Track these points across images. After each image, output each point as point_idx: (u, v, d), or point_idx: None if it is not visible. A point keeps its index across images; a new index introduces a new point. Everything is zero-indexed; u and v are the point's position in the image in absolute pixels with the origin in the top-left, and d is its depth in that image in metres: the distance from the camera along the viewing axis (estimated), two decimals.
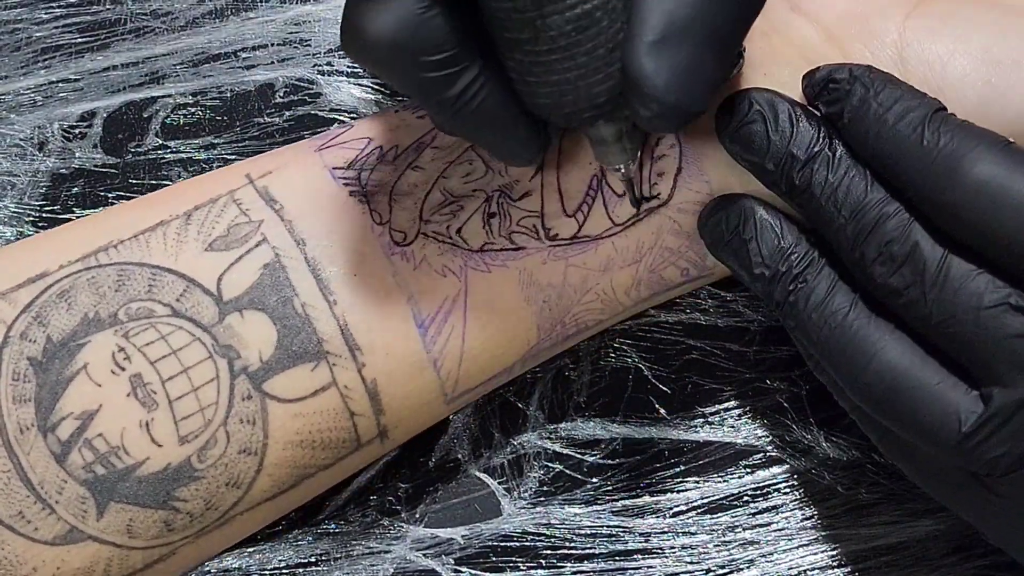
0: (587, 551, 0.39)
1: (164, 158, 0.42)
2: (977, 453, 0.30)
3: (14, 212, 0.41)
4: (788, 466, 0.41)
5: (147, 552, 0.33)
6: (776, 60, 0.35)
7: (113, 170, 0.42)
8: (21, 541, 0.31)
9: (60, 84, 0.43)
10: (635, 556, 0.39)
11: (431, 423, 0.37)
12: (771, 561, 0.40)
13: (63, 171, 0.42)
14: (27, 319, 0.32)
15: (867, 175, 0.32)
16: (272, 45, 0.44)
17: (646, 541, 0.40)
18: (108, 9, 0.44)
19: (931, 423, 0.30)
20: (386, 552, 0.39)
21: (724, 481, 0.40)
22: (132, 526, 0.32)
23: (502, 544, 0.39)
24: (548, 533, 0.40)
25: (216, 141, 0.43)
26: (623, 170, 0.33)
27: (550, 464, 0.40)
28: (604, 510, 0.40)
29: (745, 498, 0.40)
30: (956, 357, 0.31)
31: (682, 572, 0.39)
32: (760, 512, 0.40)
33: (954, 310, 0.30)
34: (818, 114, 0.33)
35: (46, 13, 0.44)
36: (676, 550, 0.40)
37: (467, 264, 0.35)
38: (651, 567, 0.39)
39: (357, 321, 0.33)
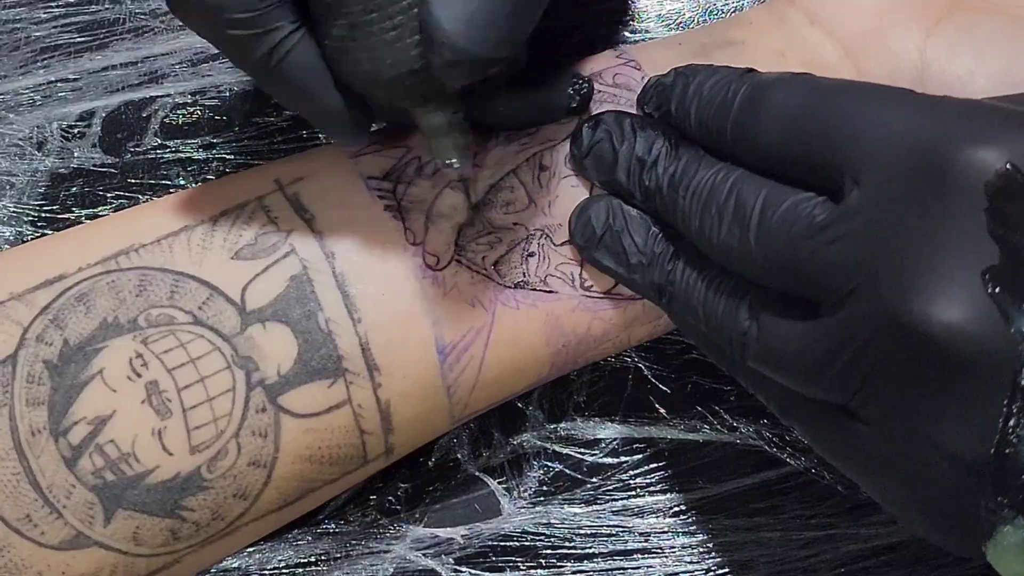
0: (587, 551, 0.39)
1: (163, 158, 0.42)
2: (821, 379, 0.28)
3: (13, 212, 0.41)
4: (788, 466, 0.41)
5: (152, 560, 0.33)
6: None
7: (112, 170, 0.42)
8: (27, 545, 0.31)
9: (59, 84, 0.43)
10: (635, 556, 0.39)
11: (433, 437, 0.37)
12: (771, 561, 0.40)
13: (62, 171, 0.42)
14: (44, 321, 0.32)
15: (700, 153, 0.32)
16: None
17: (646, 541, 0.40)
18: (107, 8, 0.44)
19: (787, 360, 0.29)
20: (386, 552, 0.39)
21: (724, 480, 0.40)
22: (138, 534, 0.32)
23: (502, 544, 0.39)
24: (548, 533, 0.40)
25: (215, 140, 0.42)
26: (457, 166, 0.33)
27: (550, 464, 0.40)
28: (604, 510, 0.40)
29: (745, 498, 0.40)
30: (788, 288, 0.29)
31: (682, 572, 0.39)
32: (760, 512, 0.40)
33: (773, 244, 0.29)
34: (659, 119, 0.34)
35: (45, 12, 0.44)
36: (676, 550, 0.40)
37: (498, 298, 0.34)
38: (651, 567, 0.39)
39: (379, 341, 0.33)
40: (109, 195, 0.42)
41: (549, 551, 0.39)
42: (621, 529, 0.40)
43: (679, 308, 0.33)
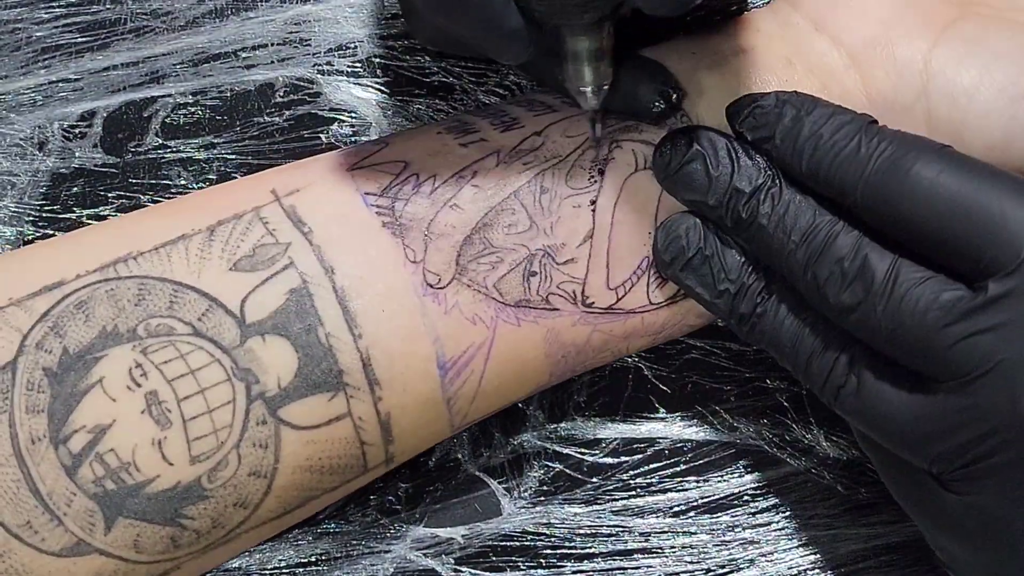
0: (587, 551, 0.39)
1: (164, 158, 0.42)
2: (925, 451, 0.30)
3: (14, 212, 0.41)
4: (788, 465, 0.41)
5: (152, 566, 0.33)
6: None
7: (113, 170, 0.42)
8: (28, 551, 0.31)
9: (60, 84, 0.43)
10: (635, 556, 0.39)
11: (433, 444, 0.37)
12: (771, 560, 0.40)
13: (63, 171, 0.42)
14: (43, 329, 0.32)
15: (810, 200, 0.32)
16: (272, 45, 0.44)
17: (646, 541, 0.40)
18: (108, 9, 0.44)
19: (890, 424, 0.31)
20: (386, 552, 0.39)
21: (724, 480, 0.40)
22: (139, 541, 0.32)
23: (502, 544, 0.39)
24: (548, 533, 0.40)
25: (216, 141, 0.43)
26: (588, 95, 0.33)
27: (550, 464, 0.40)
28: (604, 510, 0.40)
29: (745, 497, 0.40)
30: (913, 365, 0.31)
31: (682, 572, 0.39)
32: (760, 511, 0.40)
33: (902, 319, 0.30)
34: (752, 145, 0.34)
35: (46, 12, 0.44)
36: (676, 549, 0.40)
37: (499, 316, 0.34)
38: (651, 567, 0.39)
39: (380, 357, 0.33)
40: (110, 195, 0.42)
41: (549, 551, 0.39)
42: (621, 529, 0.40)
43: (763, 339, 0.34)
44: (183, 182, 0.42)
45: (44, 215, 0.41)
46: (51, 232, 0.41)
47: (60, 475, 0.31)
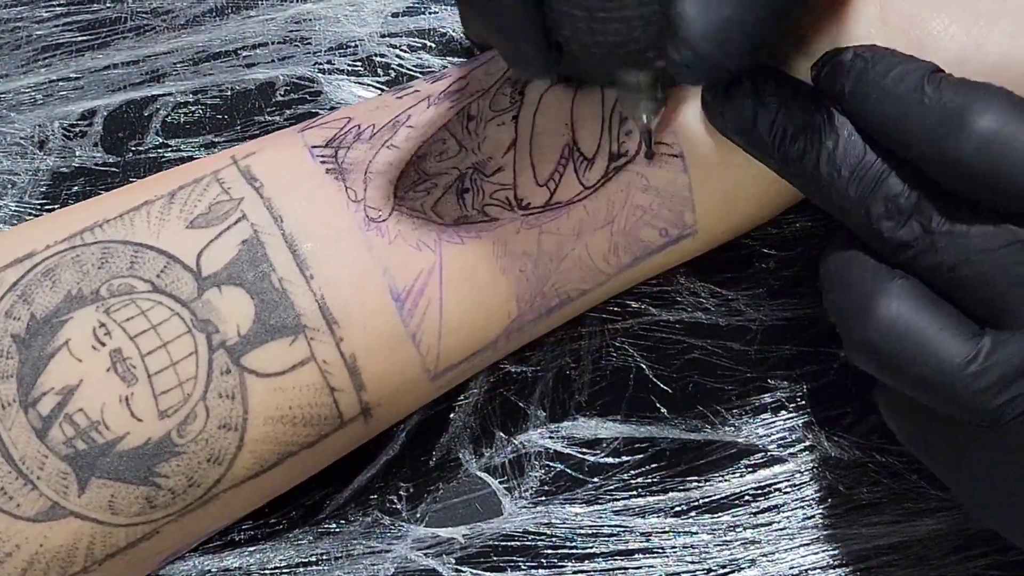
0: (588, 550, 0.39)
1: (164, 157, 0.42)
2: (983, 400, 0.29)
3: (15, 211, 0.41)
4: (789, 465, 0.41)
5: (130, 529, 0.33)
6: None
7: (114, 169, 0.42)
8: (3, 517, 0.31)
9: (60, 82, 0.43)
10: (636, 556, 0.39)
11: (418, 402, 0.37)
12: (772, 561, 0.40)
13: (63, 170, 0.42)
14: (12, 297, 0.33)
15: (863, 139, 0.32)
16: (272, 43, 0.43)
17: (647, 541, 0.40)
18: (108, 7, 0.44)
19: (933, 369, 0.30)
20: (387, 552, 0.39)
21: (725, 480, 0.40)
22: (114, 502, 0.32)
23: (503, 544, 0.39)
24: (549, 532, 0.40)
25: (216, 139, 0.42)
26: (645, 121, 0.34)
27: (551, 463, 0.40)
28: (605, 509, 0.40)
29: (746, 497, 0.40)
30: (968, 305, 0.30)
31: (683, 572, 0.39)
32: (761, 511, 0.40)
33: (966, 253, 0.29)
34: (809, 84, 0.33)
35: (46, 11, 0.44)
36: (677, 549, 0.40)
37: (441, 237, 0.35)
38: (652, 567, 0.39)
39: (334, 296, 0.34)
40: None
41: (550, 551, 0.39)
42: (622, 529, 0.40)
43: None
44: None
45: (44, 214, 0.41)
46: None
47: (31, 438, 0.31)
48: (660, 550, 0.40)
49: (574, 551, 0.39)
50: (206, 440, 0.33)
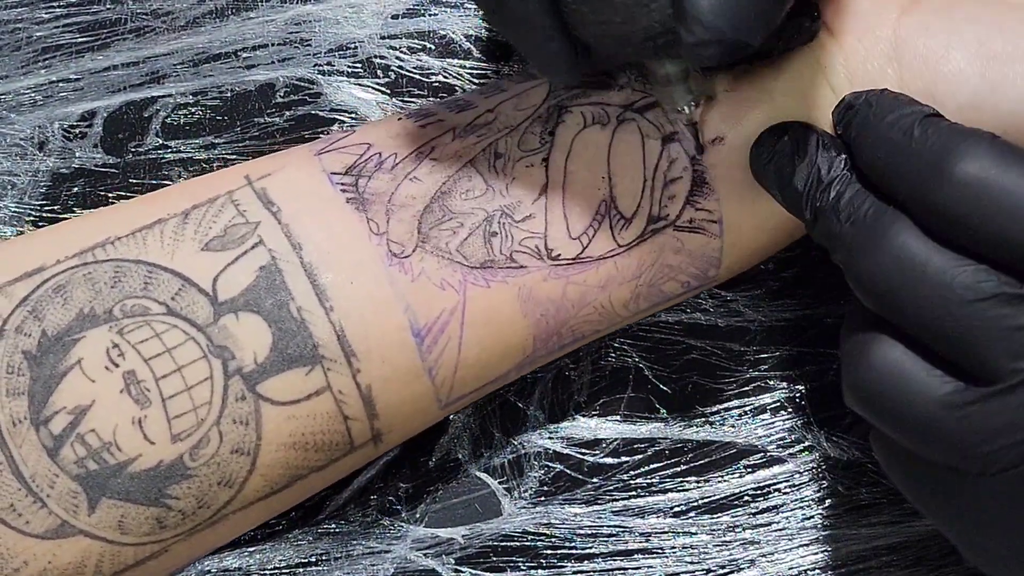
0: (588, 551, 0.39)
1: (164, 158, 0.42)
2: (971, 447, 0.29)
3: (15, 212, 0.41)
4: (788, 466, 0.41)
5: (139, 548, 0.33)
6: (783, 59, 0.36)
7: (113, 170, 0.42)
8: (12, 534, 0.31)
9: (60, 84, 0.43)
10: (635, 556, 0.39)
11: (426, 426, 0.37)
12: (771, 561, 0.40)
13: (63, 171, 0.42)
14: (23, 313, 0.32)
15: (864, 186, 0.32)
16: (272, 45, 0.44)
17: (646, 541, 0.40)
18: (108, 9, 0.44)
19: (923, 415, 0.30)
20: (386, 552, 0.39)
21: (724, 481, 0.40)
22: (124, 522, 0.32)
23: (502, 544, 0.39)
24: (548, 533, 0.40)
25: (216, 141, 0.43)
26: (686, 111, 0.34)
27: (550, 464, 0.40)
28: (604, 510, 0.40)
29: (745, 498, 0.40)
30: (952, 356, 0.30)
31: (683, 572, 0.39)
32: (760, 512, 0.40)
33: (947, 305, 0.29)
34: (838, 140, 0.34)
35: (47, 12, 0.44)
36: (677, 550, 0.40)
37: (466, 279, 0.35)
38: (651, 567, 0.39)
39: (353, 328, 0.33)
40: (111, 195, 0.42)
41: (550, 551, 0.39)
42: (622, 529, 0.40)
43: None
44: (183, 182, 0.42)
45: (44, 215, 0.41)
46: None
47: (42, 456, 0.31)
48: (659, 550, 0.40)
49: (574, 551, 0.39)
50: (218, 464, 0.32)
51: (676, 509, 0.40)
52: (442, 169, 0.35)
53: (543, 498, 0.40)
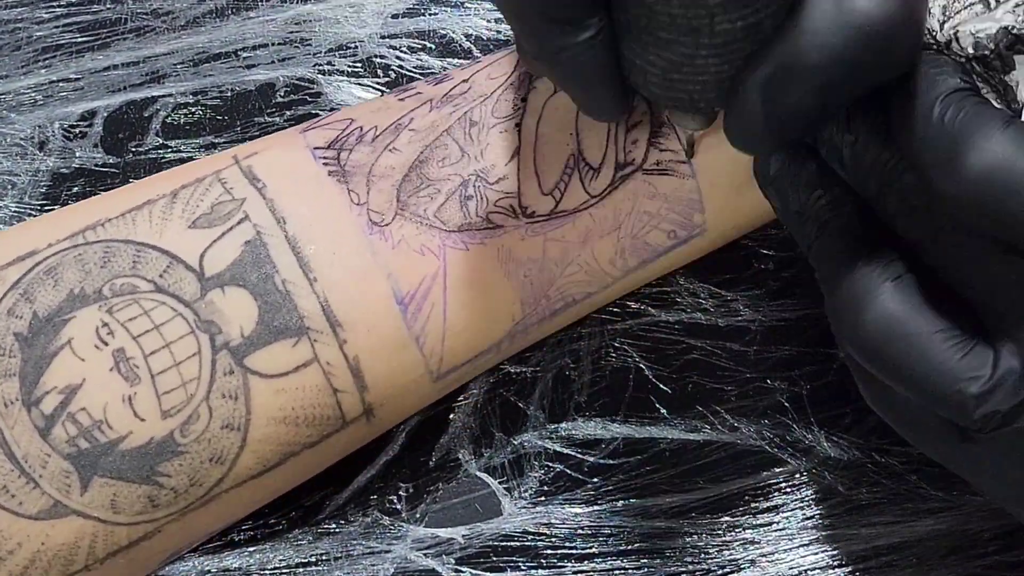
0: (588, 551, 0.39)
1: (165, 157, 0.42)
2: (972, 405, 0.29)
3: (15, 211, 0.41)
4: (789, 466, 0.41)
5: (132, 528, 0.33)
6: None
7: (114, 169, 0.42)
8: (5, 515, 0.31)
9: (61, 83, 0.43)
10: (635, 556, 0.39)
11: (421, 403, 0.37)
12: (772, 561, 0.40)
13: (64, 170, 0.42)
14: (15, 296, 0.33)
15: (884, 141, 0.31)
16: (273, 44, 0.44)
17: (647, 541, 0.40)
18: (109, 8, 0.44)
19: (922, 372, 0.29)
20: (386, 552, 0.39)
21: (724, 481, 0.40)
22: (116, 501, 0.32)
23: (503, 544, 0.39)
24: (549, 533, 0.40)
25: (217, 140, 0.43)
26: (693, 133, 0.35)
27: (551, 464, 0.40)
28: (605, 510, 0.40)
29: (746, 498, 0.40)
30: (964, 311, 0.30)
31: (683, 572, 0.39)
32: (761, 512, 0.40)
33: (975, 253, 0.29)
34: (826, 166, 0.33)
35: (47, 12, 0.44)
36: (677, 550, 0.40)
37: (445, 243, 0.35)
38: (651, 567, 0.39)
39: (337, 298, 0.34)
40: None
41: (550, 551, 0.39)
42: (622, 529, 0.40)
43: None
44: None
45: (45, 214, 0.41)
46: None
47: (34, 437, 0.31)
48: (659, 550, 0.40)
49: (574, 551, 0.39)
50: (208, 440, 0.33)
51: (676, 509, 0.40)
52: (419, 139, 0.36)
53: (543, 498, 0.40)
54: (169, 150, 0.42)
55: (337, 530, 0.39)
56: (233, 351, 0.33)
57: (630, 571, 0.39)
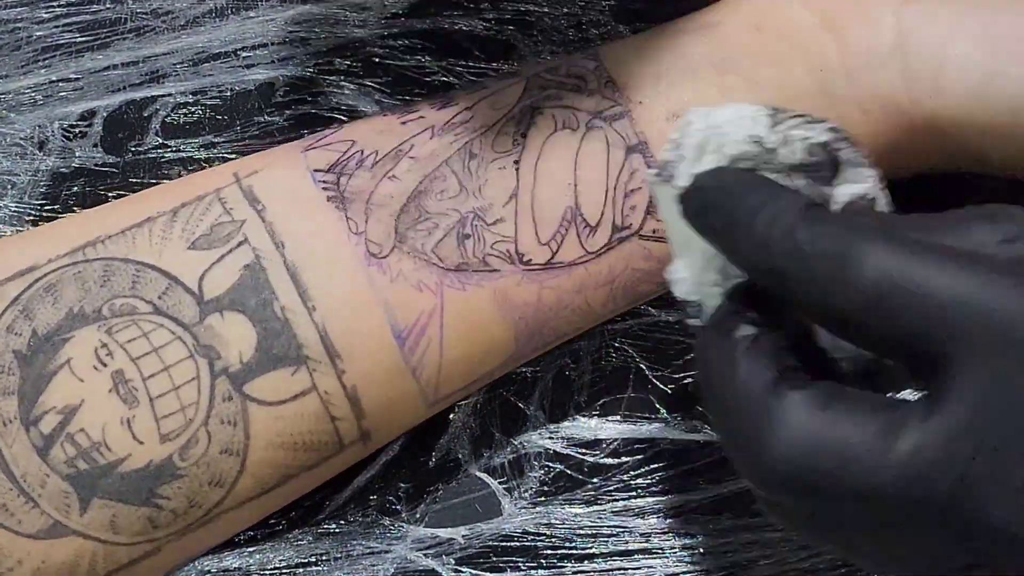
0: (588, 551, 0.39)
1: (164, 157, 0.42)
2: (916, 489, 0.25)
3: (14, 211, 0.41)
4: None
5: (132, 548, 0.33)
6: (762, 60, 0.36)
7: (113, 169, 0.42)
8: (5, 534, 0.31)
9: (60, 83, 0.43)
10: (636, 556, 0.39)
11: (415, 423, 0.38)
12: (772, 561, 0.40)
13: (63, 170, 0.42)
14: (14, 312, 0.32)
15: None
16: (272, 44, 0.44)
17: (647, 541, 0.40)
18: (108, 8, 0.44)
19: (860, 481, 0.25)
20: (386, 552, 0.39)
21: (725, 481, 0.40)
22: (116, 522, 0.32)
23: (503, 544, 0.39)
24: (549, 533, 0.39)
25: (216, 140, 0.43)
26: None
27: (551, 464, 0.40)
28: (605, 510, 0.40)
29: (746, 498, 0.40)
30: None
31: (683, 572, 0.39)
32: (761, 512, 0.40)
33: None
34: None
35: (46, 12, 0.44)
36: (677, 550, 0.40)
37: (443, 281, 0.35)
38: (652, 567, 0.39)
39: (336, 328, 0.33)
40: (111, 195, 0.42)
41: (550, 551, 0.39)
42: (622, 529, 0.40)
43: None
44: None
45: (44, 215, 0.41)
46: None
47: (32, 456, 0.31)
48: (660, 551, 0.40)
49: (574, 551, 0.39)
50: (207, 464, 0.33)
51: (677, 509, 0.40)
52: (419, 168, 0.36)
53: (543, 498, 0.40)
54: (169, 150, 0.42)
55: (337, 530, 0.39)
56: (232, 377, 0.33)
57: (630, 571, 0.39)
